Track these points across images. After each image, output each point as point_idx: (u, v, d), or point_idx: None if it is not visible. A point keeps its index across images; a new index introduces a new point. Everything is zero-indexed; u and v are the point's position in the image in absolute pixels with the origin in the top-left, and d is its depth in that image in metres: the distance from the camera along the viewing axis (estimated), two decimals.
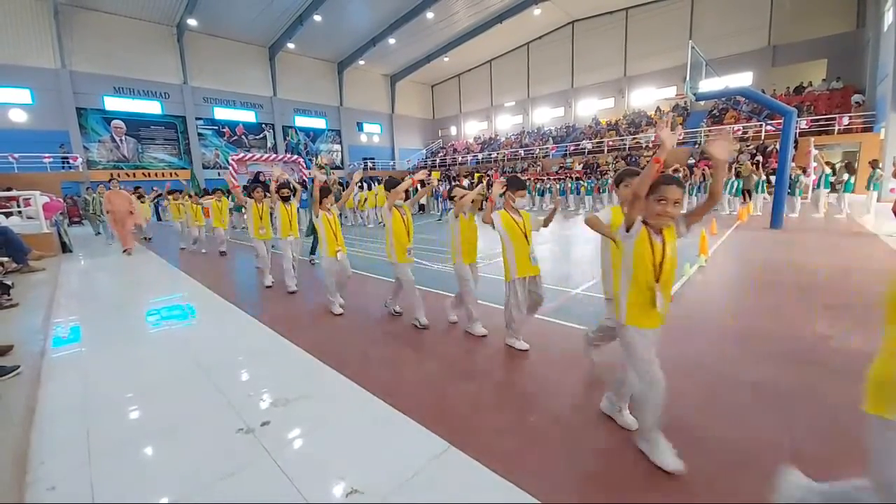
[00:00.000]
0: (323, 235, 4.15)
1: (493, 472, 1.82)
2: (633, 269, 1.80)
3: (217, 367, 3.06)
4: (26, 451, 2.09)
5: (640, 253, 1.77)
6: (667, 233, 1.79)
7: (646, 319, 1.82)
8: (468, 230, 3.49)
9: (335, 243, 4.15)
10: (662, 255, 1.75)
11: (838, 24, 18.28)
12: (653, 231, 1.76)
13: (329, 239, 4.13)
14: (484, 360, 3.04)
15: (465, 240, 3.48)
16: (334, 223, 4.18)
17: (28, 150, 17.89)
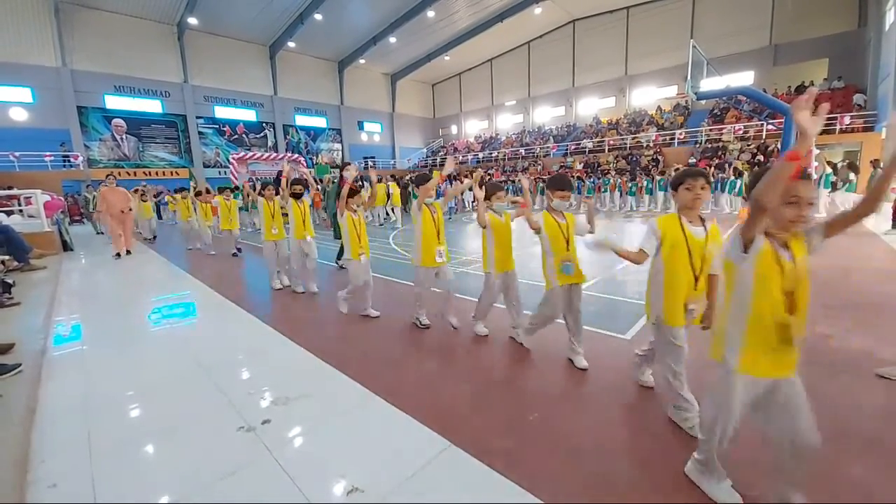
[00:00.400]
0: (347, 237, 3.98)
1: (494, 470, 1.83)
2: (754, 300, 1.38)
3: (218, 366, 3.07)
4: (27, 449, 2.09)
5: (763, 276, 1.35)
6: (795, 246, 1.37)
7: (766, 366, 1.41)
8: (502, 233, 3.19)
9: (359, 245, 3.97)
10: (794, 277, 1.34)
11: (839, 23, 18.24)
12: (778, 245, 1.36)
13: (353, 241, 3.95)
14: (485, 359, 3.04)
15: (499, 244, 3.20)
16: (359, 225, 4.00)
17: (29, 149, 17.89)
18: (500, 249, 3.18)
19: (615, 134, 23.19)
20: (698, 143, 19.45)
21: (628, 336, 3.32)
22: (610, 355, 2.99)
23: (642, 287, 4.63)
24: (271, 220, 5.17)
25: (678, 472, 1.79)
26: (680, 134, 20.36)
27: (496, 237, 3.17)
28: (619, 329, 3.47)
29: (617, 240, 2.26)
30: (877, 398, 2.35)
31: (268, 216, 5.16)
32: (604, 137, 23.20)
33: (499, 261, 3.19)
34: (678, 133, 20.41)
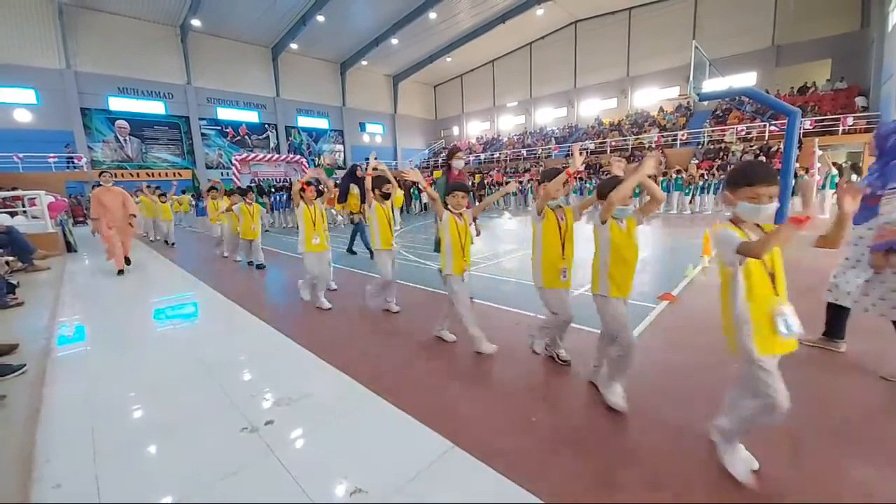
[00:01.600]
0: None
1: (496, 471, 1.83)
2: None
3: (221, 367, 3.07)
4: (31, 449, 2.10)
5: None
6: None
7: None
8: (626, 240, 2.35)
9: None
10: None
11: (842, 24, 18.19)
12: None
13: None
14: (486, 361, 3.04)
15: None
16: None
17: (33, 150, 17.99)
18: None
19: (617, 135, 23.18)
20: (700, 144, 19.41)
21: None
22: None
23: (643, 287, 4.62)
24: (313, 228, 4.32)
25: (679, 473, 1.79)
26: (682, 135, 20.33)
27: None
28: None
29: None
30: (879, 398, 2.34)
31: (309, 223, 4.30)
32: (606, 138, 23.19)
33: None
34: (680, 134, 20.38)
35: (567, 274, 2.77)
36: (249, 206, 6.69)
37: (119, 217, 6.55)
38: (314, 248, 4.33)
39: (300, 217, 4.22)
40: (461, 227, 3.10)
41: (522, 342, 3.25)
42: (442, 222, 3.08)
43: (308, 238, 4.32)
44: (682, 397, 2.41)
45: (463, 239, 3.11)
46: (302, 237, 4.34)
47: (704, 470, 1.81)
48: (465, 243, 3.13)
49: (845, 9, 18.13)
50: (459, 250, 3.09)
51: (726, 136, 18.61)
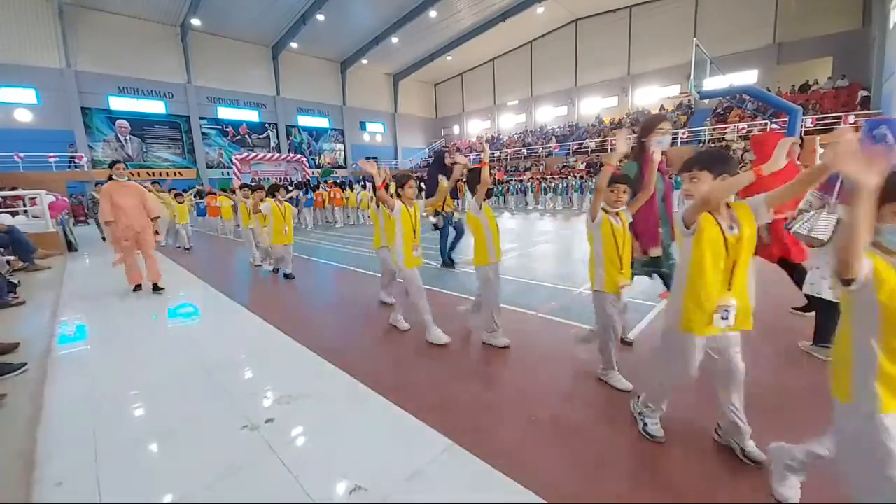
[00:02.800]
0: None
1: (496, 469, 1.83)
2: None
3: (221, 366, 3.08)
4: (33, 447, 2.11)
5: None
6: None
7: None
8: None
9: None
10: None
11: (844, 21, 18.13)
12: None
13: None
14: (486, 359, 3.04)
15: None
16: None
17: (33, 150, 18.00)
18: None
19: (615, 133, 23.12)
20: (702, 142, 19.38)
21: (629, 336, 3.31)
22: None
23: (643, 285, 4.63)
24: (413, 234, 3.37)
25: (680, 472, 1.79)
26: (683, 133, 20.29)
27: None
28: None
29: None
30: None
31: (409, 230, 3.35)
32: (606, 137, 23.15)
33: None
34: (681, 132, 20.33)
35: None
36: (280, 206, 5.67)
37: (137, 222, 5.06)
38: (417, 263, 3.41)
39: (398, 220, 3.33)
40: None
41: (521, 341, 3.25)
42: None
43: (408, 249, 3.35)
44: (683, 396, 2.40)
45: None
46: (399, 248, 3.37)
47: (704, 468, 1.81)
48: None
49: (846, 6, 18.06)
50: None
51: (727, 134, 18.57)
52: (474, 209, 3.05)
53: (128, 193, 5.05)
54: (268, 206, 5.65)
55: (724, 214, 1.65)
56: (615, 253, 2.37)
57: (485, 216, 3.05)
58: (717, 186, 1.64)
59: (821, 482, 1.66)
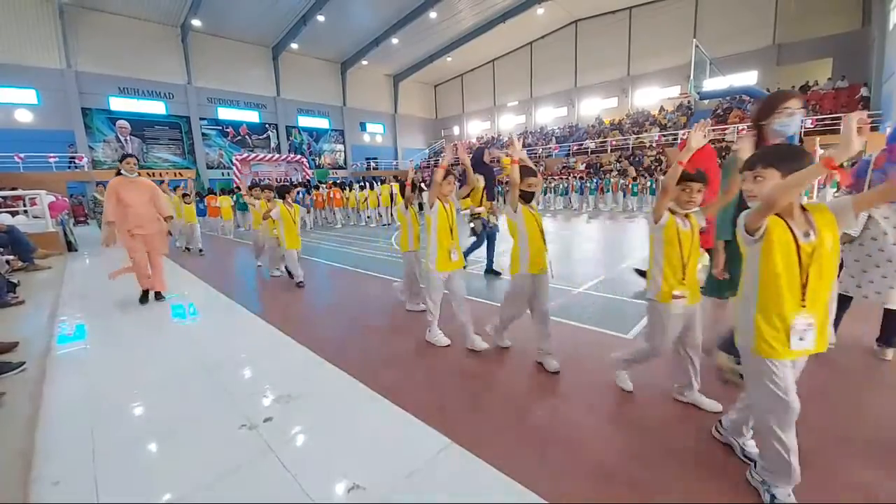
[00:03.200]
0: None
1: (494, 468, 1.83)
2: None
3: (220, 365, 3.07)
4: (31, 446, 2.11)
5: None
6: None
7: None
8: None
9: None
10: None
11: (843, 22, 18.15)
12: None
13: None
14: (485, 358, 3.04)
15: None
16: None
17: (34, 150, 18.00)
18: None
19: (618, 134, 23.15)
20: None
21: (630, 335, 3.31)
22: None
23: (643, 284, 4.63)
24: (450, 235, 3.15)
25: (680, 470, 1.78)
26: (683, 134, 20.28)
27: None
28: (622, 329, 3.46)
29: None
30: (881, 399, 2.34)
31: (445, 228, 3.11)
32: (606, 138, 23.16)
33: None
34: (681, 133, 20.34)
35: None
36: (290, 210, 5.40)
37: (146, 222, 4.61)
38: (453, 266, 3.10)
39: (434, 219, 3.06)
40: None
41: (520, 341, 3.24)
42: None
43: (443, 250, 3.05)
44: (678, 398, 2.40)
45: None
46: (433, 249, 3.08)
47: (705, 468, 1.81)
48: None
49: (846, 7, 18.08)
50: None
51: (727, 135, 18.58)
52: (509, 212, 2.73)
53: (137, 190, 4.55)
54: (277, 211, 5.31)
55: (798, 219, 1.44)
56: (678, 260, 2.08)
57: (522, 219, 2.68)
58: (780, 185, 1.41)
59: (819, 481, 1.66)
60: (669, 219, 2.06)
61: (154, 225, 4.70)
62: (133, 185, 4.54)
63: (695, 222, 2.11)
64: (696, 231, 2.09)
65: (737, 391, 2.03)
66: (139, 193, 4.57)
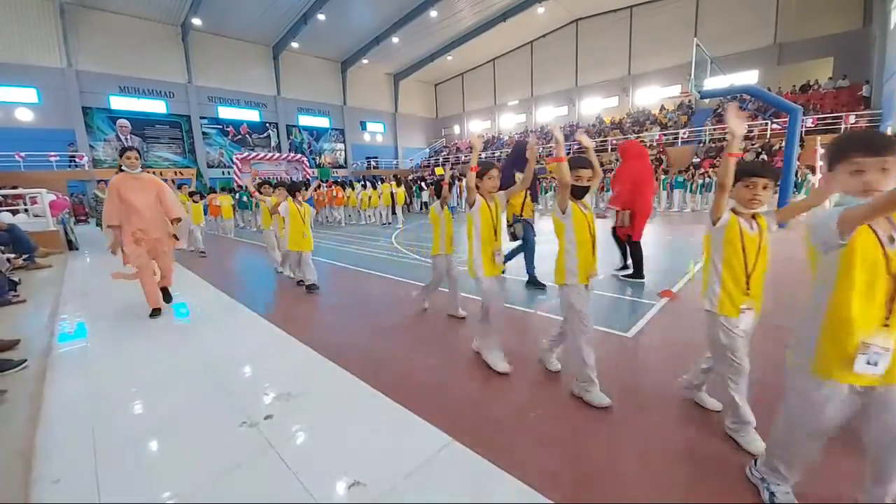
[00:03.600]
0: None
1: (495, 465, 1.83)
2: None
3: (221, 363, 3.08)
4: (32, 444, 2.11)
5: None
6: None
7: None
8: None
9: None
10: None
11: (844, 21, 18.13)
12: None
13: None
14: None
15: None
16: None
17: (34, 149, 18.00)
18: None
19: (618, 133, 23.14)
20: (702, 142, 19.38)
21: (630, 334, 3.31)
22: (614, 353, 2.99)
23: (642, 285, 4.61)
24: (493, 236, 2.80)
25: (680, 469, 1.79)
26: (683, 133, 20.29)
27: None
28: (623, 327, 3.46)
29: None
30: None
31: (489, 231, 2.77)
32: (607, 137, 23.15)
33: None
34: (682, 132, 20.33)
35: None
36: (300, 208, 5.09)
37: (152, 225, 4.10)
38: (497, 271, 2.83)
39: (476, 218, 2.73)
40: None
41: (520, 340, 3.25)
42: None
43: (487, 253, 2.75)
44: (682, 393, 2.40)
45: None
46: (477, 253, 2.76)
47: (707, 466, 1.81)
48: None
49: (847, 6, 18.06)
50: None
51: (728, 134, 18.55)
52: (558, 213, 2.40)
53: (141, 188, 4.01)
54: (285, 207, 5.03)
55: (884, 222, 1.25)
56: (741, 267, 1.82)
57: (571, 220, 2.36)
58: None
59: (819, 480, 1.65)
60: (731, 219, 1.81)
61: (161, 228, 4.18)
62: (136, 182, 4.02)
63: (764, 224, 1.83)
64: (766, 235, 1.82)
65: None
66: (144, 192, 4.04)
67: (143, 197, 4.02)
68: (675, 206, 13.88)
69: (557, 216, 2.39)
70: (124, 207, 3.95)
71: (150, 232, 4.09)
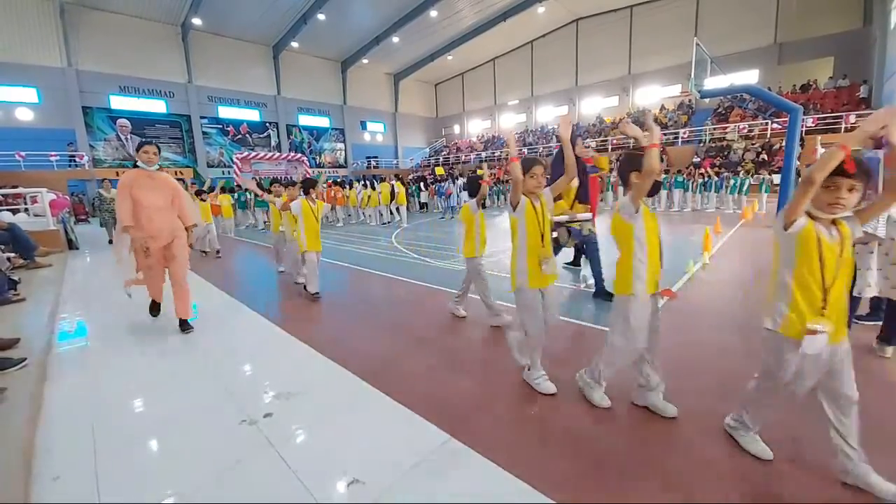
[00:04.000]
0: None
1: (493, 462, 1.83)
2: None
3: (220, 362, 3.08)
4: (32, 441, 2.11)
5: None
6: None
7: None
8: None
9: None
10: None
11: (845, 21, 18.13)
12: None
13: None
14: (485, 354, 3.04)
15: None
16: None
17: (34, 149, 18.03)
18: None
19: (619, 133, 23.13)
20: (702, 141, 19.39)
21: None
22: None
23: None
24: (540, 242, 2.41)
25: (681, 469, 1.79)
26: (684, 133, 20.29)
27: None
28: None
29: None
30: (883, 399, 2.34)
31: (535, 235, 2.41)
32: (607, 136, 23.14)
33: None
34: (682, 132, 20.33)
35: None
36: (313, 206, 4.73)
37: (166, 231, 3.59)
38: (546, 281, 2.43)
39: (521, 220, 2.39)
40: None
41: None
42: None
43: (533, 260, 2.37)
44: (682, 392, 2.40)
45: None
46: (521, 260, 2.40)
47: (707, 462, 1.81)
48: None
49: (847, 6, 18.06)
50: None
51: (728, 133, 18.56)
52: (626, 211, 2.06)
53: (155, 188, 3.53)
54: (298, 205, 4.62)
55: None
56: (817, 282, 1.55)
57: (641, 223, 2.05)
58: None
59: (819, 479, 1.66)
60: (807, 225, 1.54)
61: (171, 234, 3.64)
62: (151, 181, 3.51)
63: (847, 232, 1.56)
64: (848, 244, 1.55)
65: None
66: (159, 193, 3.54)
67: (156, 198, 3.52)
68: (676, 206, 13.88)
69: (625, 217, 2.06)
70: (136, 208, 3.45)
71: (161, 238, 3.59)
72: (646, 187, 1.96)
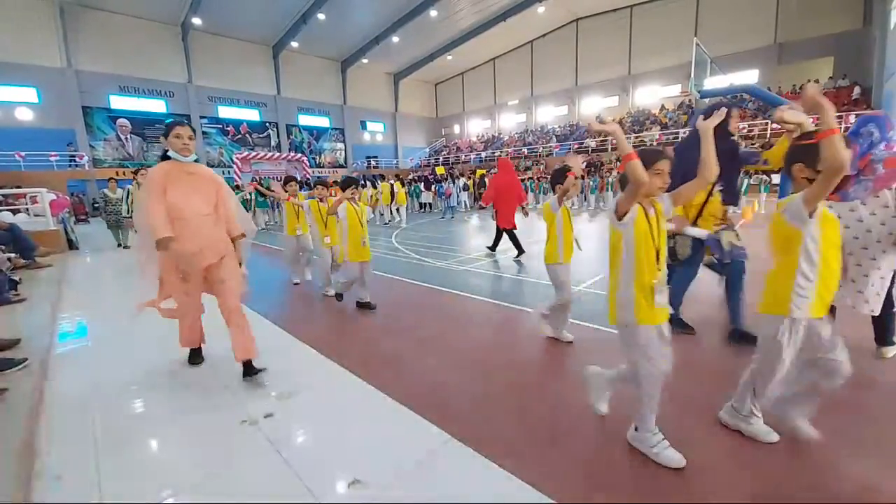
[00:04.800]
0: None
1: (494, 462, 1.84)
2: None
3: (221, 362, 3.08)
4: (33, 441, 2.12)
5: None
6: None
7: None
8: None
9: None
10: None
11: (845, 21, 18.14)
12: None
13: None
14: (485, 354, 3.05)
15: None
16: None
17: (34, 149, 18.02)
18: None
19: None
20: None
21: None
22: (607, 349, 2.99)
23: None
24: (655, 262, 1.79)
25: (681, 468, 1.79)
26: (684, 133, 20.27)
27: None
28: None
29: None
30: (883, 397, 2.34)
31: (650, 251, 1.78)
32: (607, 137, 23.08)
33: None
34: (682, 132, 20.33)
35: None
36: (357, 209, 4.12)
37: (210, 243, 2.60)
38: (658, 318, 1.81)
39: (630, 233, 1.80)
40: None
41: (520, 337, 3.25)
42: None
43: (643, 290, 1.76)
44: (680, 392, 2.41)
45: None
46: (626, 287, 1.81)
47: (703, 464, 1.81)
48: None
49: (847, 6, 18.06)
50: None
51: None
52: (794, 215, 1.66)
53: (197, 187, 2.58)
54: (344, 210, 3.97)
55: None
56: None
57: (818, 228, 1.65)
58: None
59: (819, 479, 1.66)
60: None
61: (221, 247, 2.65)
62: (188, 176, 2.56)
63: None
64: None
65: None
66: (199, 193, 2.58)
67: (199, 202, 2.55)
68: None
69: (793, 222, 1.67)
70: (172, 213, 2.46)
71: (205, 254, 2.57)
72: (831, 185, 1.55)
